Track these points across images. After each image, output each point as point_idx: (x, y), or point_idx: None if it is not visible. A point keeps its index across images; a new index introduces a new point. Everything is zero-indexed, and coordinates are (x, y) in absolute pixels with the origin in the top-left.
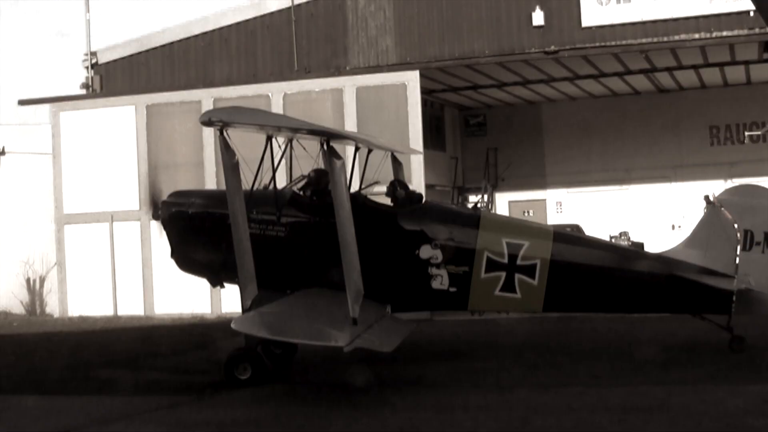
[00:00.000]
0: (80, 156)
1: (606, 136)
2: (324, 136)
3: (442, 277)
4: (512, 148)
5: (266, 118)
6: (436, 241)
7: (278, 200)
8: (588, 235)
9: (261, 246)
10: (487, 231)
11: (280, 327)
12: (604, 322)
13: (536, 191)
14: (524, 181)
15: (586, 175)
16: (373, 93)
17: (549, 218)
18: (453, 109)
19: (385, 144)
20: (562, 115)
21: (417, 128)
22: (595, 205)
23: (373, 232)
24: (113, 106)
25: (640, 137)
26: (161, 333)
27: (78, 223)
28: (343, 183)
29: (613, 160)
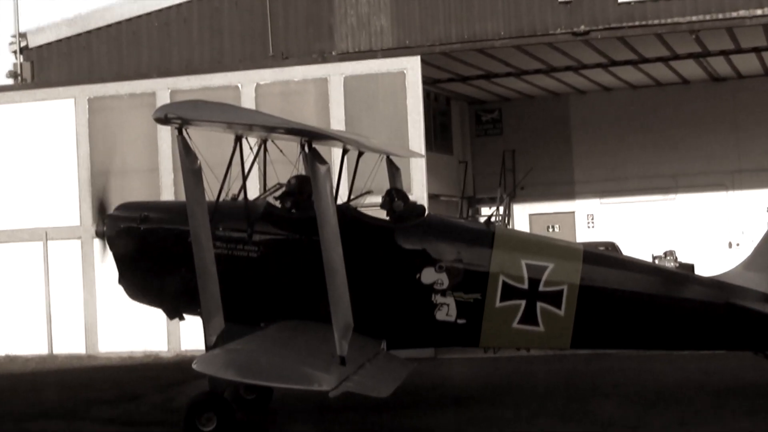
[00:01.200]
0: (6, 160)
1: (647, 135)
2: (305, 136)
3: (449, 306)
4: (533, 149)
5: (235, 115)
6: (442, 262)
7: (250, 214)
8: (626, 255)
9: (229, 269)
10: (503, 250)
11: (251, 368)
12: (645, 361)
13: (563, 202)
14: (548, 190)
15: (624, 182)
16: (365, 84)
17: (578, 235)
18: (462, 103)
19: (380, 145)
20: (593, 110)
21: (418, 126)
22: (635, 218)
23: (365, 252)
24: (47, 99)
25: (690, 136)
26: (107, 376)
27: (4, 242)
28: (328, 193)
29: (656, 164)
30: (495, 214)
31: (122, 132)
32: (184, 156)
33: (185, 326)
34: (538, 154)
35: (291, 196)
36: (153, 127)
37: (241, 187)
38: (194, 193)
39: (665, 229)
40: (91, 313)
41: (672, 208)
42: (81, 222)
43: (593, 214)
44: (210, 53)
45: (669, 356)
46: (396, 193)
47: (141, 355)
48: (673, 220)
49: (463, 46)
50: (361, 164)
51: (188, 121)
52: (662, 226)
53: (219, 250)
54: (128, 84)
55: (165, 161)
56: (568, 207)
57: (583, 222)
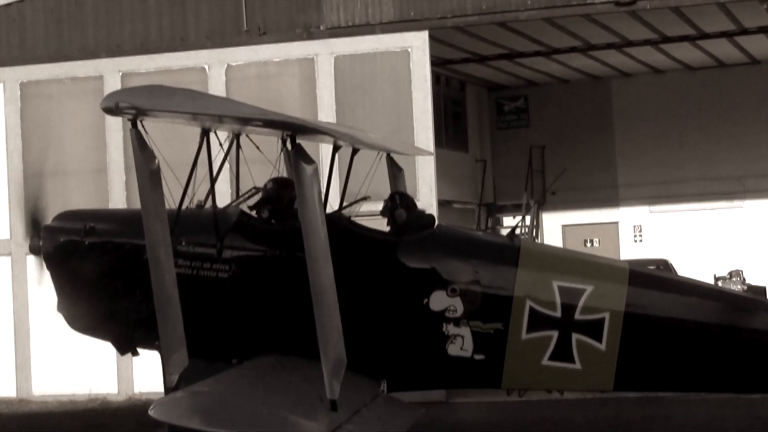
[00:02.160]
0: None
1: (708, 129)
2: (287, 129)
3: (464, 338)
4: (567, 146)
5: (201, 103)
6: (455, 284)
7: (219, 225)
8: (681, 276)
9: (193, 293)
10: (530, 270)
11: (221, 415)
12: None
13: (604, 210)
14: (585, 196)
15: (678, 186)
16: (361, 65)
17: (623, 250)
18: (479, 89)
19: (379, 141)
20: (641, 97)
21: (426, 117)
22: (692, 231)
23: (360, 272)
24: None
25: (761, 129)
26: (42, 424)
27: None
28: (315, 199)
29: (719, 163)
30: (520, 225)
31: (62, 124)
32: (139, 154)
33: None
34: (573, 151)
35: (270, 204)
36: (101, 119)
37: (208, 192)
38: (151, 200)
39: (730, 243)
40: (23, 347)
41: (739, 217)
42: (11, 235)
43: (641, 225)
44: (170, 28)
45: (735, 401)
46: (400, 198)
47: (85, 399)
48: (741, 233)
49: (481, 18)
50: (356, 164)
51: (144, 111)
52: (727, 240)
53: (181, 270)
54: (70, 65)
55: (115, 160)
56: (611, 216)
57: (628, 235)
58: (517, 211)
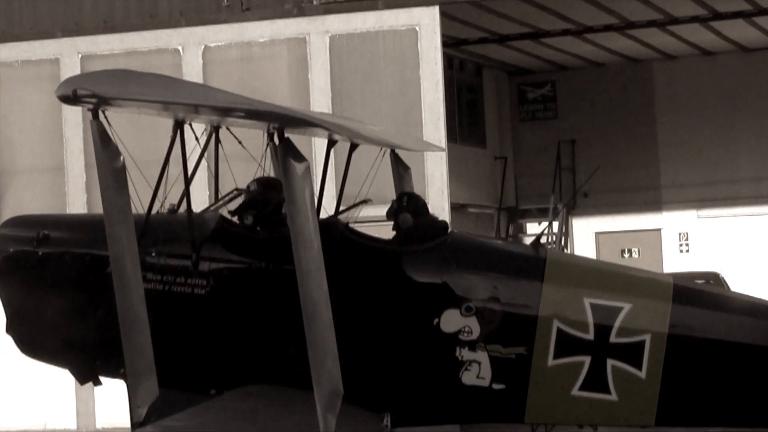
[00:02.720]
0: None
1: (766, 119)
2: (274, 120)
3: (480, 364)
4: (601, 139)
5: (174, 90)
6: (470, 302)
7: (195, 232)
8: (735, 291)
9: (165, 312)
10: (558, 285)
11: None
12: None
13: (644, 215)
14: (622, 198)
15: (731, 186)
16: (360, 46)
17: (667, 262)
18: (499, 74)
19: (381, 135)
20: (688, 83)
21: (436, 107)
22: (747, 238)
23: (360, 288)
24: None
25: None
26: None
27: None
28: (307, 202)
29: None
30: (547, 232)
31: (12, 115)
32: (101, 150)
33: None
34: (608, 146)
35: (254, 208)
36: (57, 109)
37: (182, 195)
38: (115, 203)
39: None
40: None
41: None
42: None
43: (688, 233)
44: (138, 3)
45: None
46: (408, 200)
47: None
48: None
49: None
50: (355, 162)
51: (107, 100)
52: None
53: (151, 285)
54: (20, 46)
55: (74, 157)
56: (652, 222)
57: (673, 243)
58: (542, 217)
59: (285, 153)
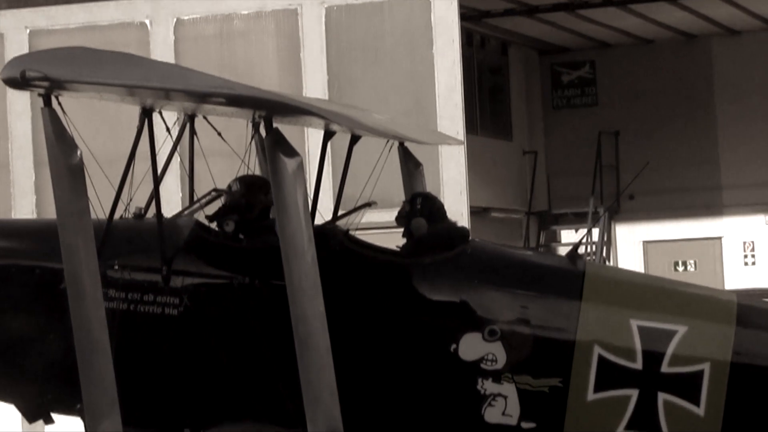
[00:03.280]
0: None
1: None
2: (260, 108)
3: (506, 399)
4: (650, 131)
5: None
6: (494, 324)
7: (166, 241)
8: None
9: (130, 337)
10: (599, 304)
11: None
12: None
13: (702, 220)
14: (676, 200)
15: None
16: (363, 20)
17: (729, 276)
18: (528, 52)
19: (388, 125)
20: (754, 63)
21: (453, 92)
22: None
23: (363, 308)
24: None
25: None
26: None
27: None
28: (299, 206)
29: None
30: (585, 241)
31: None
32: (55, 143)
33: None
34: (658, 138)
35: (236, 212)
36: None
37: (151, 196)
38: (71, 207)
39: None
40: None
41: None
42: None
43: (753, 242)
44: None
45: None
46: (423, 202)
47: None
48: None
49: None
50: (357, 157)
51: (61, 84)
52: None
53: (113, 304)
54: None
55: (20, 152)
56: (711, 229)
57: (736, 254)
58: (580, 223)
59: (273, 147)
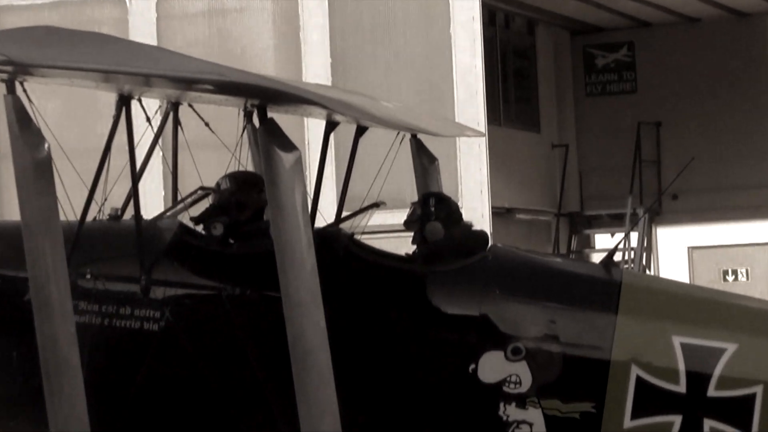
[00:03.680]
0: None
1: None
2: (253, 95)
3: (532, 426)
4: (697, 121)
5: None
6: (518, 341)
7: (146, 246)
8: None
9: (104, 355)
10: (637, 318)
11: None
12: None
13: (754, 223)
14: (724, 200)
15: None
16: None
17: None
18: (558, 32)
19: (399, 115)
20: None
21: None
22: None
23: (370, 322)
24: None
25: None
26: None
27: None
28: (297, 206)
29: None
30: (623, 246)
31: None
32: (19, 135)
33: None
34: (705, 130)
35: (225, 213)
36: None
37: (128, 195)
38: (36, 206)
39: None
40: None
41: None
42: None
43: None
44: None
45: None
46: (437, 203)
47: None
48: None
49: None
50: (363, 151)
51: (27, 68)
52: None
53: (85, 318)
54: None
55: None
56: (766, 233)
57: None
58: (616, 226)
59: (268, 139)
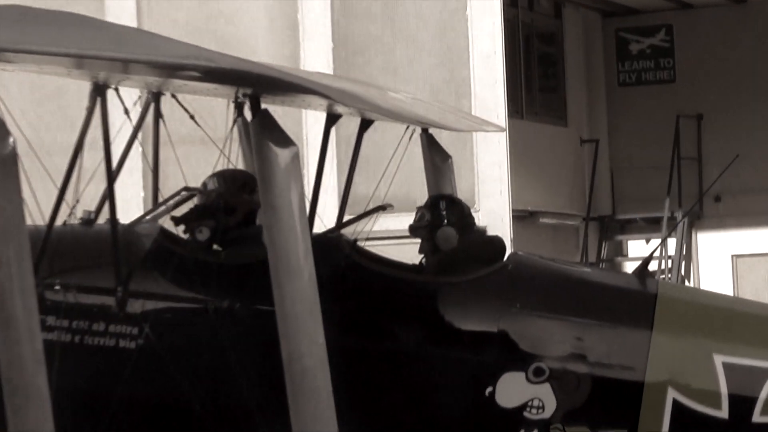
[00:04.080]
0: None
1: None
2: (244, 84)
3: None
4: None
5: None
6: (540, 361)
7: (123, 254)
8: None
9: (76, 377)
10: (674, 335)
11: None
12: None
13: None
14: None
15: None
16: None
17: None
18: (587, 14)
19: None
20: None
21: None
22: None
23: (375, 339)
24: None
25: None
26: None
27: None
28: (294, 209)
29: None
30: (659, 254)
31: None
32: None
33: None
34: (751, 124)
35: (212, 216)
36: None
37: (103, 195)
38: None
39: None
40: None
41: None
42: None
43: None
44: None
45: None
46: (448, 206)
47: None
48: None
49: None
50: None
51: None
52: None
53: (54, 335)
54: None
55: None
56: None
57: None
58: (652, 231)
59: (261, 133)
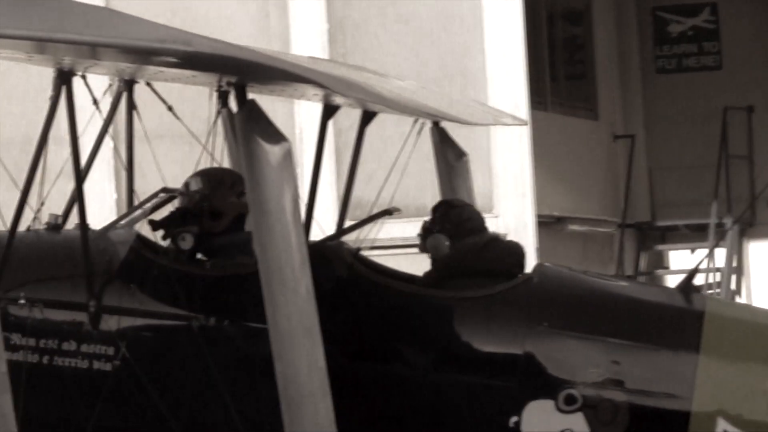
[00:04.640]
0: None
1: None
2: (230, 72)
3: None
4: None
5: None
6: (572, 387)
7: (95, 263)
8: None
9: (44, 402)
10: (723, 358)
11: None
12: None
13: None
14: None
15: None
16: None
17: None
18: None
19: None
20: None
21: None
22: None
23: (379, 360)
24: None
25: None
26: None
27: None
28: (287, 213)
29: None
30: (705, 266)
31: None
32: None
33: None
34: None
35: (195, 221)
36: None
37: (71, 198)
38: None
39: None
40: None
41: None
42: None
43: None
44: None
45: None
46: (444, 212)
47: None
48: None
49: None
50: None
51: None
52: None
53: (19, 354)
54: None
55: None
56: None
57: None
58: (697, 240)
59: (249, 127)
